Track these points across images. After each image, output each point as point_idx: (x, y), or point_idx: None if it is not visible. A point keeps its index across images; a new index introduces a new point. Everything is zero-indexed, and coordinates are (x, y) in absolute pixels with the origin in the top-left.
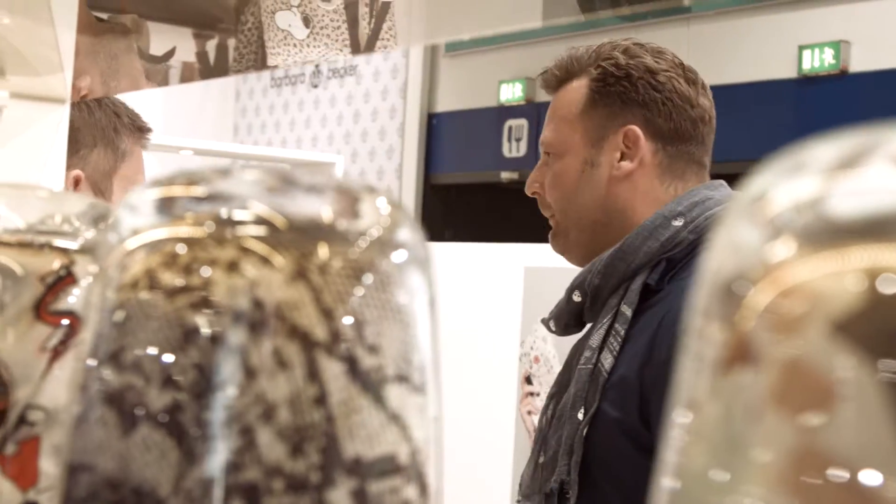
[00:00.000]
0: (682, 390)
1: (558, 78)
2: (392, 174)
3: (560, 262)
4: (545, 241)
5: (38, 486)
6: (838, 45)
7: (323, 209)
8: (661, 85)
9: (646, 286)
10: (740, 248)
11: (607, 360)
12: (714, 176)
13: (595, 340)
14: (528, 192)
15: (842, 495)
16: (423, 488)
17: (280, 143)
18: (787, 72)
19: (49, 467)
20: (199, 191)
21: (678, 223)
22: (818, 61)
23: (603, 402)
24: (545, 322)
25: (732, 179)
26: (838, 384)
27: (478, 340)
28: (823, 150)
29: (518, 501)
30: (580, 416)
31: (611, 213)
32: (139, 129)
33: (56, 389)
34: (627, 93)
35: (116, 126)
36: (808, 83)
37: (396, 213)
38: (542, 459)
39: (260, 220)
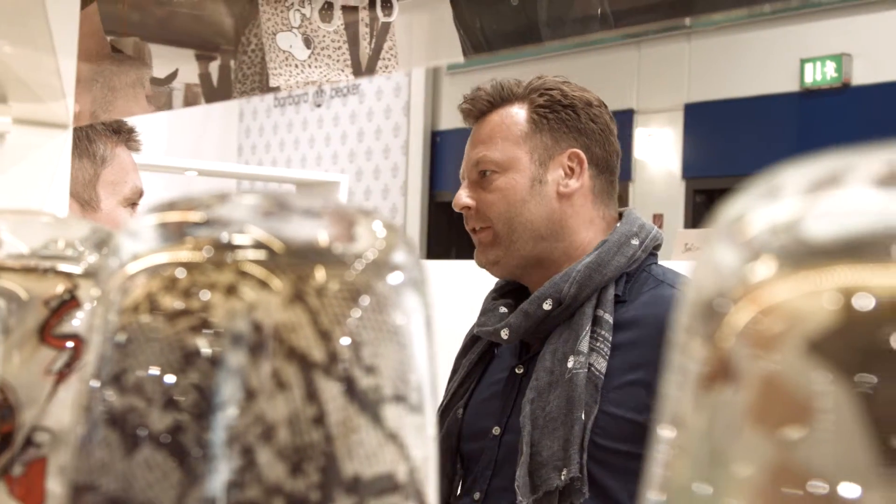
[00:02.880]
0: (666, 405)
1: (491, 104)
2: (397, 192)
3: None
4: None
5: None
6: (840, 59)
7: (319, 233)
8: (597, 118)
9: (614, 296)
10: (720, 267)
11: (601, 364)
12: (717, 191)
13: (584, 345)
14: (457, 207)
15: None
16: None
17: (284, 163)
18: (789, 85)
19: (56, 488)
20: (197, 216)
21: (635, 242)
22: (820, 75)
23: (605, 404)
24: (491, 332)
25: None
26: (815, 400)
27: None
28: (799, 173)
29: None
30: (583, 416)
31: (553, 228)
32: (115, 132)
33: (62, 411)
34: (572, 120)
35: (88, 134)
36: (810, 96)
37: (392, 235)
38: (532, 460)
39: (257, 244)
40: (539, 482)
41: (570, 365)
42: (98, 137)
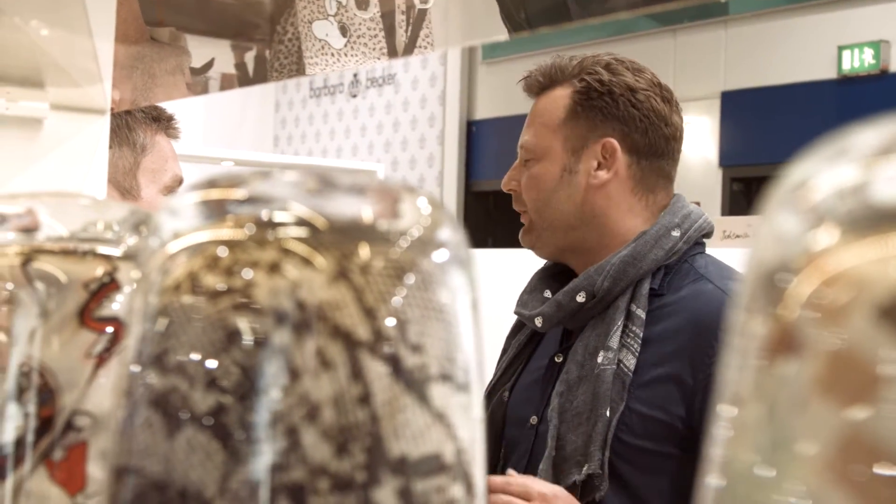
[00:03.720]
0: (726, 385)
1: (541, 84)
2: (433, 182)
3: None
4: None
5: (85, 490)
6: (878, 45)
7: (363, 209)
8: (639, 103)
9: (650, 290)
10: (782, 237)
11: (630, 361)
12: (753, 179)
13: (614, 341)
14: (504, 188)
15: (891, 488)
16: (469, 487)
17: (320, 153)
18: (826, 73)
19: (97, 472)
20: (239, 193)
21: (676, 234)
22: (858, 61)
23: (632, 401)
24: (527, 317)
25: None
26: (885, 373)
27: None
28: (864, 137)
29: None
30: (608, 413)
31: (585, 219)
32: (155, 120)
33: (102, 395)
34: (608, 108)
35: (128, 122)
36: (848, 84)
37: (437, 212)
38: (556, 454)
39: (300, 222)
40: (561, 476)
41: (599, 360)
42: (137, 125)
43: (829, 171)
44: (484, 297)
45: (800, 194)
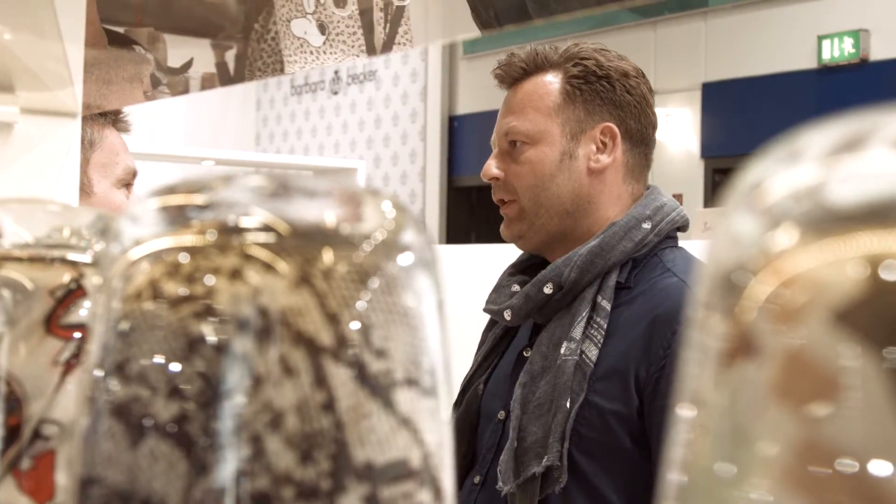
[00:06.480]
0: (685, 384)
1: (525, 70)
2: (415, 178)
3: None
4: None
5: (54, 500)
6: (858, 34)
7: (326, 214)
8: (633, 89)
9: (617, 284)
10: (739, 238)
11: (592, 352)
12: (735, 170)
13: (577, 332)
14: (485, 177)
15: (848, 486)
16: (436, 492)
17: (303, 151)
18: (806, 62)
19: (65, 481)
20: (200, 199)
21: (647, 226)
22: (838, 51)
23: (591, 394)
24: (496, 311)
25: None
26: (842, 374)
27: None
28: (820, 136)
29: (498, 488)
30: (567, 404)
31: (580, 204)
32: (101, 114)
33: (70, 403)
34: (606, 92)
35: None
36: (828, 73)
37: (401, 215)
38: (518, 445)
39: (262, 227)
40: (521, 469)
41: (562, 351)
42: (83, 122)
43: (784, 172)
44: (466, 293)
45: (756, 195)
